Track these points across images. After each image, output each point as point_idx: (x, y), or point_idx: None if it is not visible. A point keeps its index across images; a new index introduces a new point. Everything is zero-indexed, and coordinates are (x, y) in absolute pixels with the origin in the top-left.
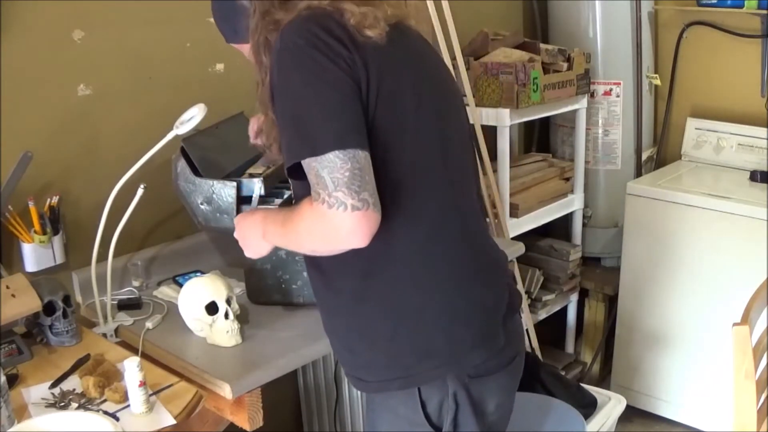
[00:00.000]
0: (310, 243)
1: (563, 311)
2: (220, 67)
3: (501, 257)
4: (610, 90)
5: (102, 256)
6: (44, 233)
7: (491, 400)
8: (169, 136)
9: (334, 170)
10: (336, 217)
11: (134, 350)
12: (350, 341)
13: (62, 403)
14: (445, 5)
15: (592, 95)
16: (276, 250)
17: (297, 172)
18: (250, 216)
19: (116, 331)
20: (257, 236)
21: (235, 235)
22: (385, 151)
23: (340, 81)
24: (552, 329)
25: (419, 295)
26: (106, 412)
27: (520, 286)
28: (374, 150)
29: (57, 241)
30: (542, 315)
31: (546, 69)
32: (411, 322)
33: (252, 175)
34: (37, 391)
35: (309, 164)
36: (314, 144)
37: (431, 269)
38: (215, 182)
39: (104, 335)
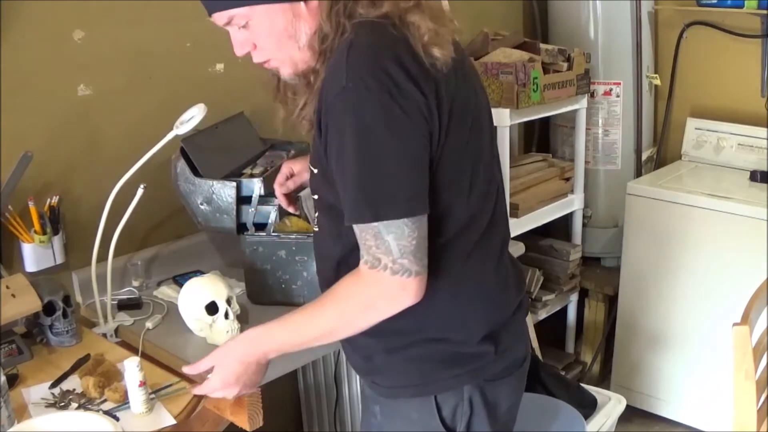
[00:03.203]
0: (364, 315)
1: (563, 311)
2: (220, 67)
3: (520, 269)
4: (610, 90)
5: (102, 256)
6: (44, 233)
7: (504, 402)
8: (169, 136)
9: (401, 237)
10: (399, 282)
11: (134, 350)
12: (367, 350)
13: (62, 403)
14: (445, 5)
15: (592, 95)
16: (276, 249)
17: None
18: (232, 351)
19: (116, 331)
20: (253, 363)
21: (217, 379)
22: (441, 194)
23: (413, 137)
24: (552, 329)
25: (447, 316)
26: (106, 412)
27: None
28: (432, 197)
29: (57, 241)
30: (542, 315)
31: (546, 69)
32: (435, 337)
33: (252, 175)
34: (37, 391)
35: (368, 225)
36: (379, 208)
37: (462, 294)
38: (215, 182)
39: (104, 335)
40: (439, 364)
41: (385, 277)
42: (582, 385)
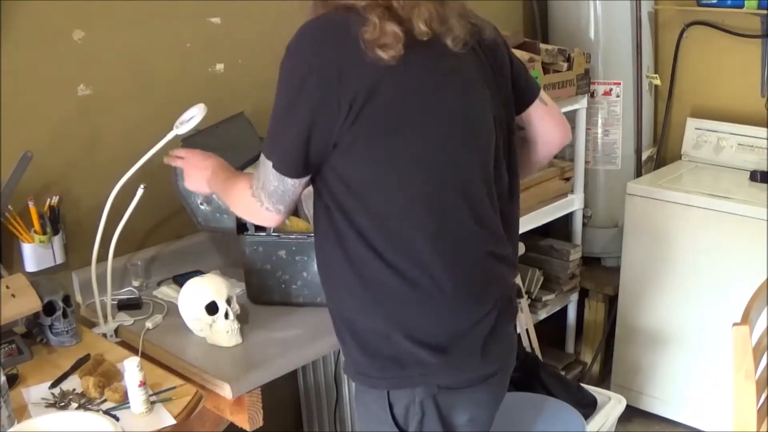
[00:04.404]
0: (234, 208)
1: (563, 311)
2: (220, 67)
3: (501, 273)
4: (610, 90)
5: (102, 256)
6: (44, 233)
7: (462, 413)
8: (169, 136)
9: (267, 177)
10: (253, 204)
11: (134, 350)
12: (338, 326)
13: (62, 403)
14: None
15: (592, 95)
16: (276, 249)
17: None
18: (204, 159)
19: (116, 331)
20: (201, 177)
21: (182, 163)
22: (367, 176)
23: (309, 115)
24: (552, 329)
25: (395, 313)
26: (106, 412)
27: (519, 285)
28: (357, 171)
29: (57, 241)
30: (542, 315)
31: (546, 69)
32: (386, 332)
33: None
34: (37, 391)
35: (263, 156)
36: (266, 150)
37: (404, 294)
38: None
39: (104, 335)
40: (389, 362)
41: (248, 195)
42: (582, 385)
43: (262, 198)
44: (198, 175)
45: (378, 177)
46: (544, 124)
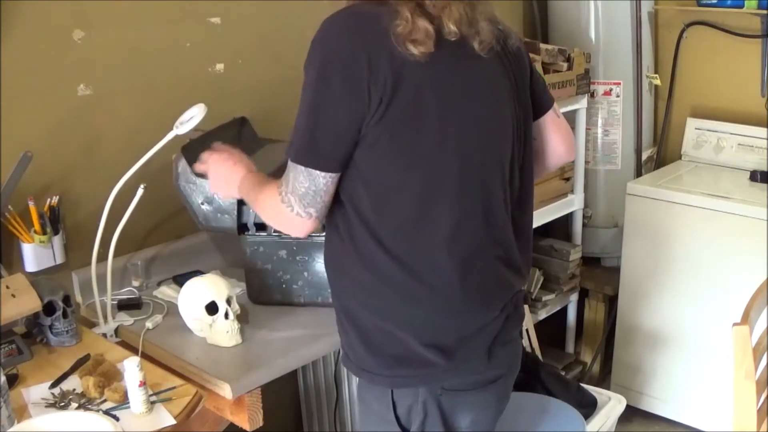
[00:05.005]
0: (263, 215)
1: (563, 311)
2: (220, 67)
3: (509, 279)
4: (610, 90)
5: (102, 256)
6: (44, 233)
7: (465, 415)
8: (169, 136)
9: (297, 179)
10: (283, 210)
11: (134, 350)
12: (342, 321)
13: (62, 403)
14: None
15: (592, 95)
16: (277, 249)
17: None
18: (232, 165)
19: (116, 331)
20: (232, 183)
21: (205, 168)
22: (389, 173)
23: (340, 106)
24: (552, 329)
25: (400, 311)
26: (106, 412)
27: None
28: (379, 168)
29: (57, 241)
30: (542, 315)
31: (546, 69)
32: (393, 331)
33: None
34: (37, 391)
35: (290, 161)
36: (293, 150)
37: (414, 294)
38: None
39: (104, 335)
40: (393, 360)
41: (277, 199)
42: (582, 385)
43: (292, 203)
44: (228, 182)
45: (400, 176)
46: (553, 136)
